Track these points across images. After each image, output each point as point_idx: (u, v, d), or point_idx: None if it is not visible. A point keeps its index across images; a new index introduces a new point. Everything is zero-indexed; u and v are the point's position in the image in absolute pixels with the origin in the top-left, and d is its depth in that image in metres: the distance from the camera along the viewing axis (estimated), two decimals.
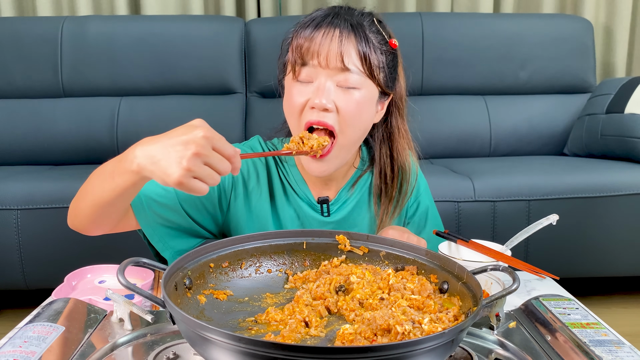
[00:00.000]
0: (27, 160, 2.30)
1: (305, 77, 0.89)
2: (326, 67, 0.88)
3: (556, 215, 0.92)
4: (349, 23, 0.89)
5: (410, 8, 2.69)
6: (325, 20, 0.89)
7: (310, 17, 0.92)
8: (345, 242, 0.81)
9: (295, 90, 0.91)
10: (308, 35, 0.88)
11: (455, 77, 2.47)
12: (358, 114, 0.90)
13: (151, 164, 0.68)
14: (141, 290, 0.63)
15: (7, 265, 1.83)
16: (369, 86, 0.91)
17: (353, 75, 0.88)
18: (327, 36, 0.87)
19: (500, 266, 0.69)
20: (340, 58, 0.87)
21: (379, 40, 0.92)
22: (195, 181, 0.66)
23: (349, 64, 0.87)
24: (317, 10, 0.94)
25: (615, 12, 2.72)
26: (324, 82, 0.88)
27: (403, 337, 0.59)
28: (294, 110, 0.91)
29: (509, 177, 1.95)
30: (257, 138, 1.05)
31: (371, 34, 0.91)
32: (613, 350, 0.70)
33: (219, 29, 2.42)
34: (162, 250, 0.93)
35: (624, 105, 2.15)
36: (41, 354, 0.66)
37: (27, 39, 2.32)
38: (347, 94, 0.89)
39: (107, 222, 0.86)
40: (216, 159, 0.67)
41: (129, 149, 0.72)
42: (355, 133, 0.93)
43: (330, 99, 0.88)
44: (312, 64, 0.88)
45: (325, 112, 0.88)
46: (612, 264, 1.99)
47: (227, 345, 0.52)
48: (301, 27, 0.91)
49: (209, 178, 0.67)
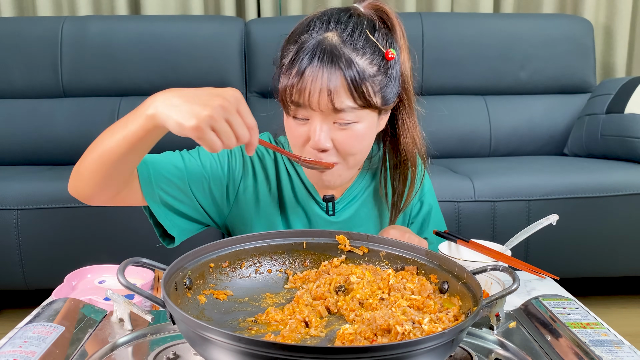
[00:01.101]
0: (27, 160, 2.30)
1: (301, 115, 0.87)
2: (319, 111, 0.84)
3: (556, 215, 0.92)
4: (336, 56, 0.83)
5: (410, 8, 2.70)
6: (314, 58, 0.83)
7: (297, 48, 0.85)
8: (345, 242, 0.81)
9: (292, 126, 0.89)
10: (297, 77, 0.84)
11: (455, 77, 2.47)
12: (359, 145, 0.89)
13: (170, 107, 0.68)
14: (141, 290, 0.62)
15: (7, 265, 1.83)
16: (367, 115, 0.87)
17: (348, 114, 0.85)
18: (316, 79, 0.82)
19: (500, 266, 0.69)
20: (331, 102, 0.83)
21: (373, 59, 0.86)
22: (212, 133, 0.67)
23: (341, 105, 0.83)
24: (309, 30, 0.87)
25: (615, 12, 2.72)
26: (318, 124, 0.85)
27: (403, 337, 0.59)
28: (294, 143, 0.90)
29: (509, 177, 1.95)
30: (267, 134, 1.05)
31: (364, 58, 0.84)
32: (613, 350, 0.70)
33: (219, 29, 2.42)
34: (170, 227, 0.92)
35: (624, 105, 2.15)
36: (41, 354, 0.66)
37: (27, 39, 2.32)
38: (345, 130, 0.86)
39: (111, 184, 0.82)
40: (238, 120, 0.68)
41: (149, 98, 0.71)
42: (358, 157, 0.92)
43: (328, 139, 0.86)
44: (304, 106, 0.85)
45: (324, 153, 0.87)
46: (612, 264, 1.99)
47: (227, 345, 0.52)
48: (292, 62, 0.85)
49: (226, 136, 0.67)
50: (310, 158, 0.88)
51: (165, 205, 0.91)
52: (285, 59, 0.88)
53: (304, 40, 0.86)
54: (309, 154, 0.88)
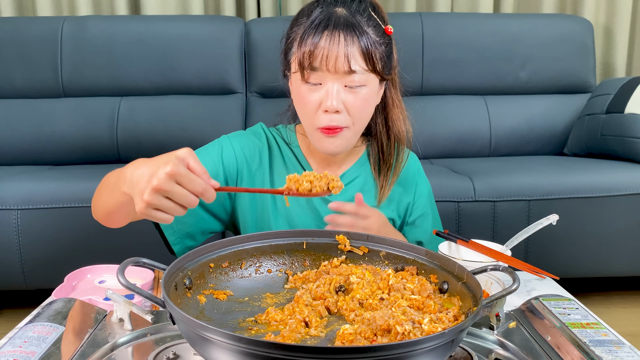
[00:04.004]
0: (27, 160, 2.30)
1: (314, 80, 0.94)
2: (334, 72, 0.92)
3: (556, 215, 0.92)
4: (350, 24, 0.92)
5: (410, 8, 2.70)
6: (329, 25, 0.92)
7: (311, 20, 0.94)
8: (345, 242, 0.81)
9: (305, 92, 0.96)
10: (315, 42, 0.92)
11: (455, 77, 2.47)
12: (365, 108, 0.98)
13: (130, 188, 0.74)
14: (141, 290, 0.63)
15: (7, 265, 1.82)
16: (372, 80, 0.96)
17: (359, 76, 0.93)
18: (334, 43, 0.91)
19: (500, 266, 0.69)
20: (348, 63, 0.92)
21: (377, 32, 0.95)
22: (157, 212, 0.71)
23: (355, 67, 0.92)
24: (314, 7, 0.97)
25: (615, 12, 2.72)
26: (333, 86, 0.93)
27: (403, 337, 0.59)
28: (307, 111, 0.97)
29: (509, 177, 1.95)
30: (261, 125, 1.11)
31: (370, 28, 0.94)
32: (613, 350, 0.70)
33: (219, 29, 2.42)
34: (174, 243, 0.99)
35: (624, 105, 2.15)
36: (41, 354, 0.66)
37: (27, 39, 2.32)
38: (354, 93, 0.94)
39: (121, 221, 0.92)
40: (178, 194, 0.70)
41: (126, 167, 0.77)
42: (363, 123, 1.00)
43: (340, 101, 0.94)
44: (321, 69, 0.93)
45: (337, 114, 0.94)
46: (612, 264, 1.99)
47: (227, 345, 0.52)
48: (306, 32, 0.93)
49: (171, 210, 0.71)
50: (323, 125, 0.95)
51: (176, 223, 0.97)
52: (296, 31, 0.96)
53: (317, 14, 0.95)
54: (321, 121, 0.95)
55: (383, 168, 1.08)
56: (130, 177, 0.74)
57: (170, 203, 0.71)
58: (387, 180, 1.07)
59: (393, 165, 1.08)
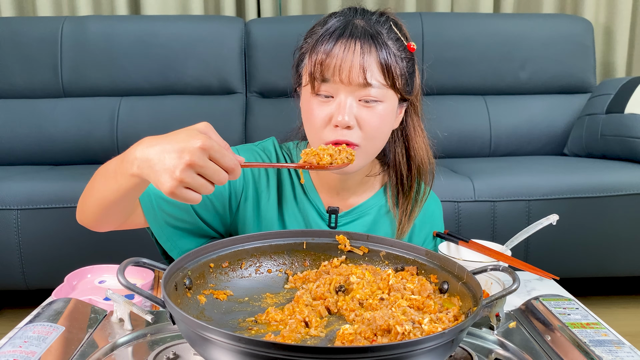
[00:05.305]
0: (27, 160, 2.30)
1: (325, 92, 0.87)
2: (348, 84, 0.85)
3: (556, 215, 0.92)
4: (368, 33, 0.85)
5: (410, 8, 2.70)
6: (344, 33, 0.85)
7: (326, 28, 0.87)
8: (345, 242, 0.81)
9: (315, 106, 0.88)
10: (328, 50, 0.84)
11: (455, 77, 2.47)
12: (381, 127, 0.88)
13: (148, 167, 0.66)
14: (141, 290, 0.63)
15: (7, 265, 1.82)
16: (390, 97, 0.88)
17: (375, 90, 0.85)
18: (349, 51, 0.84)
19: (500, 266, 0.69)
20: (363, 75, 0.84)
21: (398, 47, 0.88)
22: (188, 191, 0.65)
23: (371, 80, 0.84)
24: (331, 17, 0.90)
25: (615, 12, 2.72)
26: (345, 99, 0.85)
27: (403, 337, 0.59)
28: (316, 126, 0.88)
29: (509, 177, 1.95)
30: (272, 140, 1.03)
31: (390, 41, 0.87)
32: (613, 350, 0.70)
33: (219, 29, 2.42)
34: (170, 249, 0.93)
35: (624, 105, 2.15)
36: (41, 354, 0.66)
37: (27, 39, 2.32)
38: (369, 108, 0.86)
39: (113, 220, 0.86)
40: (211, 170, 0.65)
41: (130, 149, 0.70)
42: (376, 144, 0.91)
43: (353, 116, 0.85)
44: (333, 80, 0.85)
45: (348, 130, 0.86)
46: (612, 264, 1.99)
47: (227, 345, 0.52)
48: (319, 40, 0.86)
49: (202, 188, 0.65)
50: (330, 139, 0.86)
51: (169, 226, 0.92)
52: (309, 42, 0.89)
53: (333, 22, 0.88)
54: (330, 136, 0.86)
55: (403, 202, 1.00)
56: (143, 156, 0.66)
57: (202, 180, 0.65)
58: (406, 216, 0.99)
59: (414, 199, 0.99)
